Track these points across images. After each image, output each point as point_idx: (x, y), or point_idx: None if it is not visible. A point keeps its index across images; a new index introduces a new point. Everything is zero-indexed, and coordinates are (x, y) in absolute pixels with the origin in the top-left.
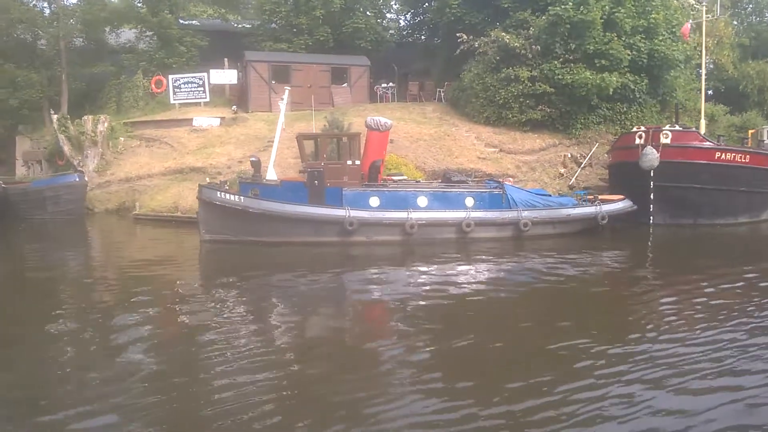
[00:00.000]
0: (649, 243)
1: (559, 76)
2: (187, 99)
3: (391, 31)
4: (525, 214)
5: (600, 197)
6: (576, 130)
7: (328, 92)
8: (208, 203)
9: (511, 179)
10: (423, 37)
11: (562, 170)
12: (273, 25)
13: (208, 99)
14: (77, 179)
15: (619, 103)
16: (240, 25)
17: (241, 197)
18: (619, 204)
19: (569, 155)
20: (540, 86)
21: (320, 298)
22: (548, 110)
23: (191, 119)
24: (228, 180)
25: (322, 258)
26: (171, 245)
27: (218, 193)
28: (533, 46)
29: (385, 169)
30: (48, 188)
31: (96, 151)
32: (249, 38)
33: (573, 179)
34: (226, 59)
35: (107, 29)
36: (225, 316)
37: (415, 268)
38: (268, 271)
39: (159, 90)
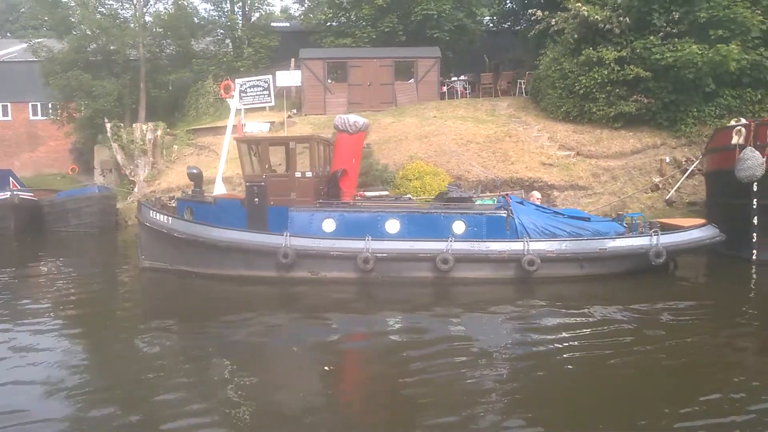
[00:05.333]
0: (751, 289)
1: (657, 55)
2: (253, 103)
3: (480, 18)
4: (533, 246)
5: (664, 222)
6: (686, 126)
7: (391, 90)
8: (143, 224)
9: (537, 195)
10: (522, 22)
11: (657, 179)
12: (342, 19)
13: (273, 103)
14: (97, 191)
15: (749, 90)
16: (309, 23)
17: (169, 218)
18: (691, 233)
19: (667, 159)
20: (631, 69)
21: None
22: (646, 101)
23: (245, 125)
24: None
25: (230, 300)
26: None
27: (151, 212)
28: (621, 18)
29: (405, 180)
30: (69, 200)
31: (146, 160)
32: (314, 36)
33: (672, 191)
34: (292, 60)
35: (199, 36)
36: None
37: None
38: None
39: (227, 95)
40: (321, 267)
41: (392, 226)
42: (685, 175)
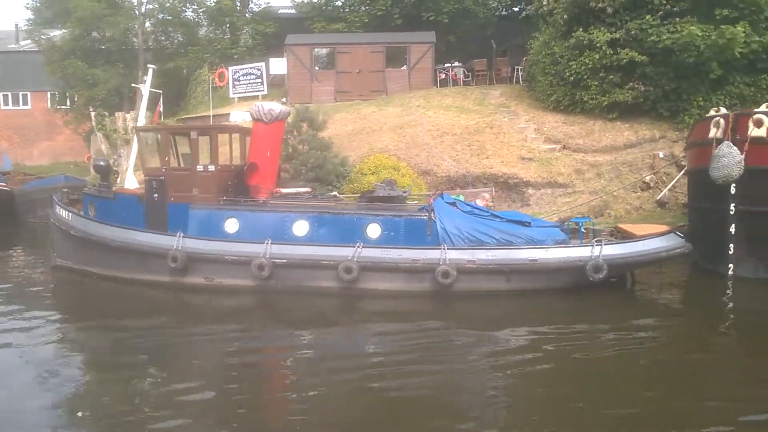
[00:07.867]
0: (725, 321)
1: (654, 37)
2: (246, 92)
3: (487, 1)
4: (451, 255)
5: (623, 228)
6: (690, 117)
7: (382, 77)
8: (50, 220)
9: (486, 196)
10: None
11: (648, 177)
12: (337, 3)
13: (266, 91)
14: (63, 180)
15: (764, 75)
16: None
17: (70, 214)
18: (645, 244)
19: (661, 155)
20: (626, 53)
21: None
22: (643, 89)
23: (229, 114)
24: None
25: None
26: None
27: (57, 207)
28: None
29: (360, 175)
30: (36, 190)
31: (129, 150)
32: (307, 22)
33: (665, 191)
34: (285, 46)
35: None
36: None
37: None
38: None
39: (221, 83)
40: (217, 273)
41: (300, 228)
42: (682, 172)
